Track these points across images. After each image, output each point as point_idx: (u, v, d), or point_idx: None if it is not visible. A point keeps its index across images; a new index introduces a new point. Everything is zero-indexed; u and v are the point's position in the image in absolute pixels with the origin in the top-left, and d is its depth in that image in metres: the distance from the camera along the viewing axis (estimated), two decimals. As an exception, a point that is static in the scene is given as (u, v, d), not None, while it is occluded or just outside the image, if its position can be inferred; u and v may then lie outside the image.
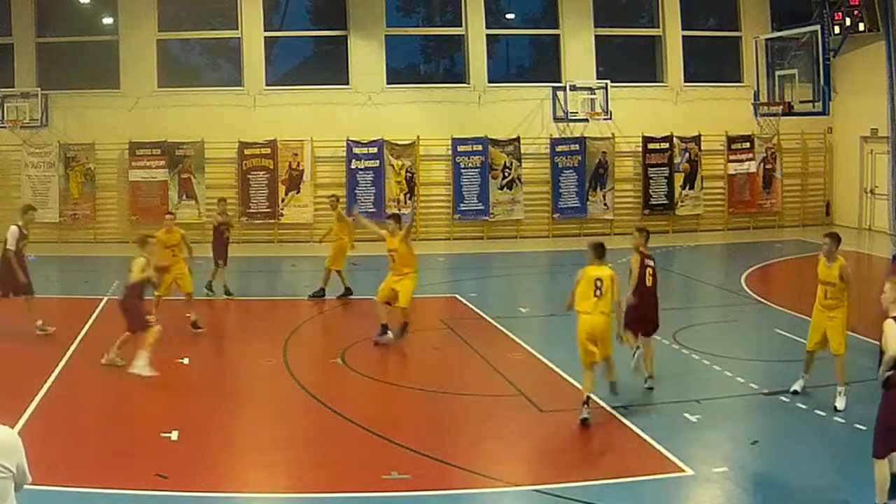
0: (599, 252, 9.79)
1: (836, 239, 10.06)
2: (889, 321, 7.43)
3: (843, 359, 9.94)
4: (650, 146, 24.46)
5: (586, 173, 24.27)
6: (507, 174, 23.99)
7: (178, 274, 13.80)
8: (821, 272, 10.08)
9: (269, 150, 23.30)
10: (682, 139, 24.53)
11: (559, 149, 24.26)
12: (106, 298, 15.58)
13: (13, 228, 13.15)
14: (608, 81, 23.68)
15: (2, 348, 12.25)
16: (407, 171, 23.69)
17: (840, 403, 9.80)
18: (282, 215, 23.29)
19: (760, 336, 13.48)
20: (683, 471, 8.16)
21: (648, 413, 9.79)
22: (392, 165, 23.62)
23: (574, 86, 23.72)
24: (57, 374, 11.04)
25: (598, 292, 9.45)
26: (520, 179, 24.05)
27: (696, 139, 24.58)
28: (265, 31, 24.01)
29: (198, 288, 14.81)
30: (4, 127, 22.50)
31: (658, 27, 25.21)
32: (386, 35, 24.27)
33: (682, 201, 24.72)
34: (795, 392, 10.28)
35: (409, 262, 12.88)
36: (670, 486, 8.00)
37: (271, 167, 23.31)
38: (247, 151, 23.29)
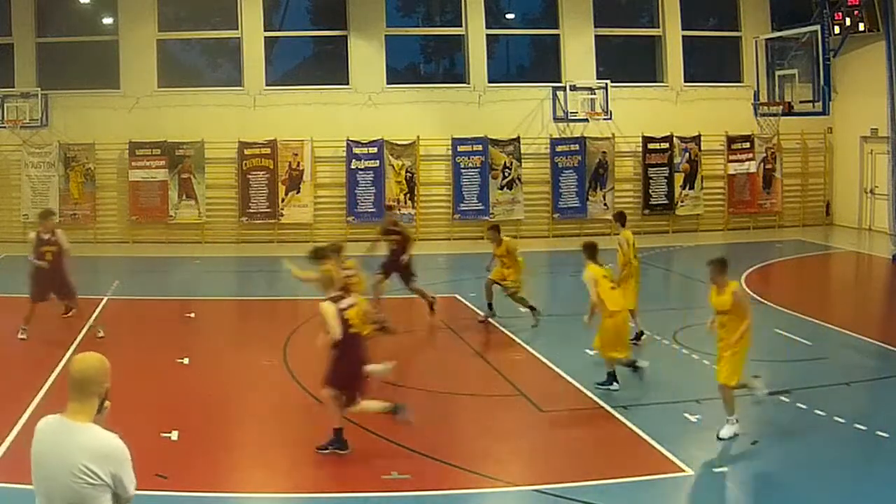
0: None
1: (718, 265, 9.02)
2: (325, 303, 7.59)
3: (726, 390, 8.90)
4: (650, 146, 24.45)
5: (586, 173, 24.26)
6: (507, 174, 23.99)
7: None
8: (711, 300, 9.05)
9: (269, 150, 23.29)
10: (682, 139, 24.52)
11: (559, 149, 24.26)
12: (106, 298, 15.61)
13: None
14: (608, 81, 23.67)
15: (1, 349, 12.24)
16: (407, 171, 23.68)
17: (724, 432, 8.82)
18: (282, 215, 23.28)
19: (760, 336, 13.34)
20: (683, 471, 8.16)
21: (648, 413, 9.78)
22: (392, 165, 23.61)
23: (574, 86, 23.72)
24: (57, 374, 11.02)
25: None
26: (520, 179, 24.06)
27: (696, 139, 24.57)
28: (265, 31, 23.98)
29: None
30: (4, 127, 22.47)
31: (658, 27, 25.20)
32: (386, 35, 24.25)
33: (681, 201, 24.71)
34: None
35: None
36: (670, 486, 8.00)
37: (271, 167, 23.30)
38: (247, 151, 23.28)
